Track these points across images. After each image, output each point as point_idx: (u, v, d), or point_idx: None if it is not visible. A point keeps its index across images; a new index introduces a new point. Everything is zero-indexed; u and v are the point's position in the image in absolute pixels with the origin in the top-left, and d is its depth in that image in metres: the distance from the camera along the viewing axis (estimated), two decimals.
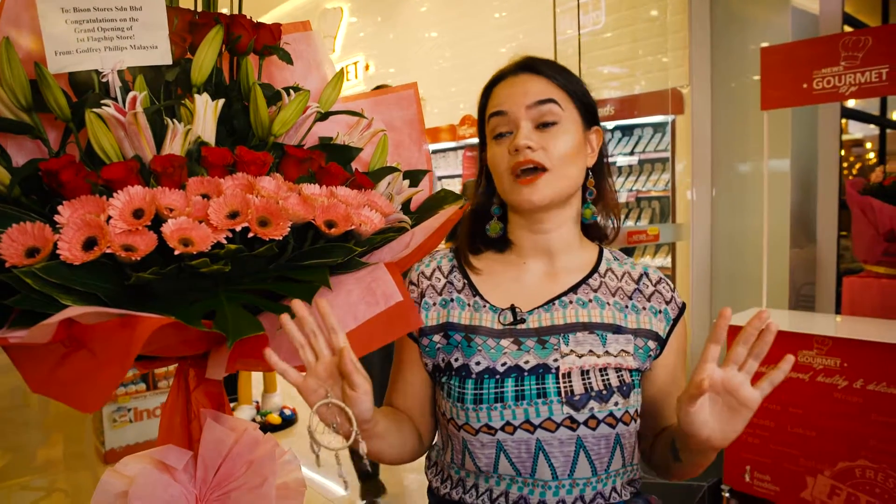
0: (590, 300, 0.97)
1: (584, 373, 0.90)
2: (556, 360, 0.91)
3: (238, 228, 0.74)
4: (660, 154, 4.14)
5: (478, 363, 0.92)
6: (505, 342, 0.94)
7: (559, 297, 0.97)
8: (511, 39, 5.29)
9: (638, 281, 1.00)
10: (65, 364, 0.68)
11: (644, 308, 0.98)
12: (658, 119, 4.09)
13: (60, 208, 0.70)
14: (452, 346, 0.96)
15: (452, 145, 5.76)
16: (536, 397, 0.89)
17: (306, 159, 0.86)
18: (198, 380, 0.90)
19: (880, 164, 3.60)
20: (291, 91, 0.88)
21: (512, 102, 0.95)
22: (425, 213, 1.04)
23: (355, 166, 0.99)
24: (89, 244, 0.68)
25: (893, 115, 4.51)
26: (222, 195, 0.76)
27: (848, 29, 3.41)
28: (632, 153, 4.30)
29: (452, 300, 0.99)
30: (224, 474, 0.87)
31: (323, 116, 0.95)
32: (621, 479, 0.95)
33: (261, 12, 7.63)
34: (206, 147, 0.79)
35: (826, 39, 2.92)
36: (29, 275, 0.64)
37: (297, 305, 0.76)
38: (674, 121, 3.95)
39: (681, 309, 1.01)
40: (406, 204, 1.04)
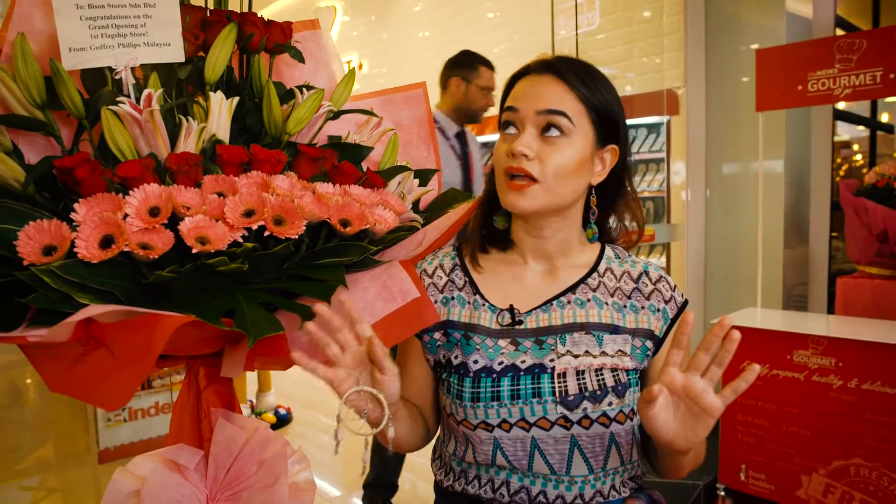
0: (588, 300, 0.98)
1: (580, 373, 0.92)
2: (553, 361, 0.93)
3: (254, 227, 0.73)
4: (655, 154, 4.15)
5: (475, 362, 0.94)
6: (503, 342, 0.95)
7: (557, 298, 0.98)
8: (504, 40, 5.29)
9: (637, 280, 1.01)
10: (83, 363, 0.67)
11: (643, 307, 0.99)
12: (653, 120, 4.10)
13: (76, 206, 0.69)
14: (452, 344, 0.98)
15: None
16: (532, 396, 0.91)
17: (320, 158, 0.86)
18: (208, 379, 0.90)
19: (868, 166, 3.63)
20: (304, 90, 0.88)
21: (524, 102, 0.94)
22: (435, 213, 1.04)
23: (365, 165, 0.99)
24: (106, 242, 0.68)
25: (884, 118, 4.55)
26: (238, 193, 0.76)
27: (840, 32, 3.44)
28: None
29: (453, 298, 1.01)
30: (235, 473, 0.87)
31: (335, 115, 0.95)
32: (621, 477, 0.97)
33: (255, 10, 7.60)
34: (222, 145, 0.79)
35: (821, 42, 2.94)
36: (47, 273, 0.64)
37: (320, 308, 0.77)
38: (669, 121, 3.97)
39: (681, 307, 1.01)
40: (415, 203, 1.04)
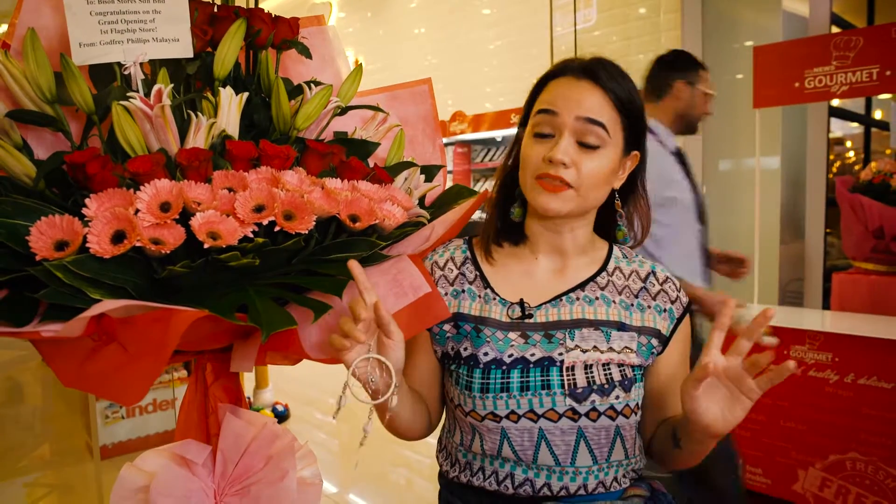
0: (596, 298, 0.99)
1: (588, 367, 0.93)
2: (561, 354, 0.94)
3: (265, 222, 0.74)
4: None
5: (486, 353, 0.95)
6: (513, 335, 0.96)
7: (567, 294, 0.99)
8: (500, 36, 5.30)
9: (645, 280, 1.03)
10: (95, 358, 0.67)
11: (649, 306, 1.01)
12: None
13: (88, 201, 0.69)
14: (462, 336, 0.98)
15: (444, 141, 5.75)
16: (541, 388, 0.92)
17: (328, 153, 0.86)
18: (215, 374, 0.91)
19: (861, 163, 3.65)
20: (312, 85, 0.88)
21: (564, 107, 0.92)
22: (440, 209, 1.04)
23: (372, 161, 0.99)
24: (118, 237, 0.68)
25: (878, 114, 4.58)
26: (248, 189, 0.76)
27: (836, 29, 3.46)
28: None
29: (463, 291, 1.01)
30: (243, 468, 0.88)
31: (342, 111, 0.95)
32: (623, 470, 0.98)
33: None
34: (231, 140, 0.79)
35: (818, 39, 2.96)
36: (59, 268, 0.64)
37: (352, 264, 0.79)
38: None
39: (685, 309, 1.03)
40: (421, 199, 1.04)
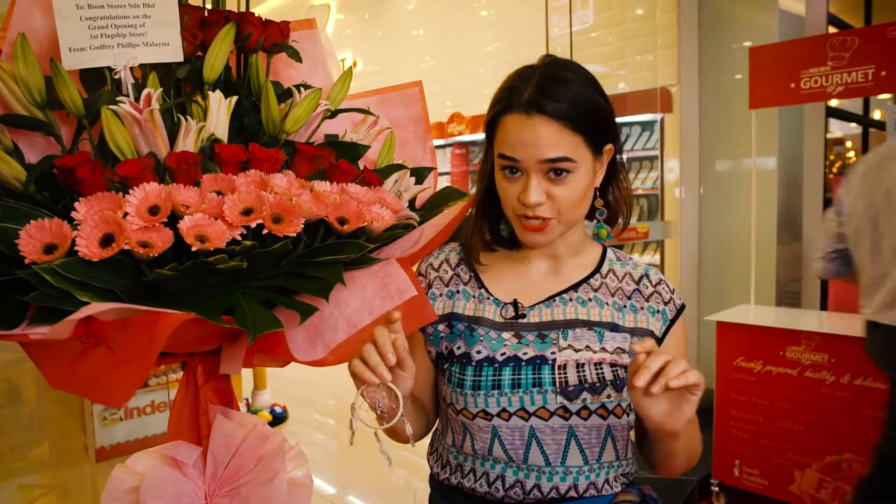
0: (589, 299, 1.00)
1: (580, 366, 0.94)
2: (554, 353, 0.95)
3: (253, 225, 0.74)
4: (648, 152, 4.17)
5: (479, 352, 0.96)
6: (506, 335, 0.97)
7: (560, 294, 1.00)
8: (498, 38, 5.30)
9: (638, 282, 1.03)
10: (83, 360, 0.68)
11: (642, 308, 1.01)
12: (647, 117, 4.11)
13: (77, 205, 0.70)
14: (455, 335, 0.99)
15: (441, 143, 5.75)
16: (532, 386, 0.93)
17: (317, 156, 0.86)
18: (206, 376, 0.91)
19: None
20: (302, 89, 0.89)
21: (523, 153, 0.90)
22: (431, 211, 1.05)
23: (362, 164, 0.99)
24: (107, 241, 0.68)
25: (876, 115, 4.58)
26: (236, 192, 0.76)
27: (833, 30, 3.46)
28: (621, 151, 4.33)
29: (458, 292, 1.03)
30: (233, 470, 0.88)
31: (332, 114, 0.96)
32: (615, 472, 0.98)
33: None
34: (220, 144, 0.80)
35: (813, 40, 2.97)
36: (48, 271, 0.65)
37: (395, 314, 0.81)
38: (662, 119, 3.99)
39: (679, 309, 1.04)
40: (411, 201, 1.05)
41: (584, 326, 0.97)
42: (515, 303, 0.99)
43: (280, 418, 4.16)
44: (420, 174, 1.06)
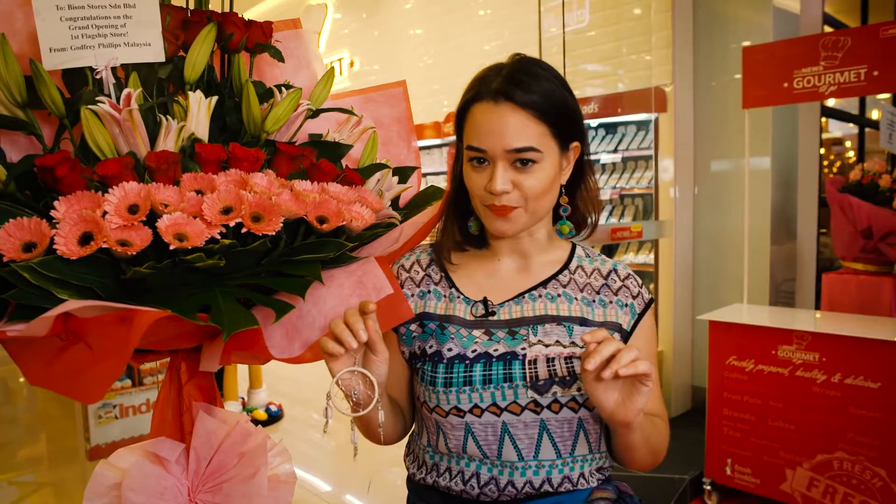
0: (558, 294, 1.02)
1: (550, 360, 0.95)
2: (524, 349, 0.96)
3: (232, 224, 0.75)
4: (643, 152, 4.18)
5: (450, 349, 0.97)
6: (477, 332, 0.99)
7: (529, 291, 1.02)
8: (496, 37, 5.31)
9: (606, 277, 1.05)
10: (62, 357, 0.69)
11: (611, 302, 1.03)
12: (641, 117, 4.12)
13: (56, 204, 0.71)
14: (427, 335, 1.01)
15: (437, 142, 5.77)
16: (503, 381, 0.94)
17: (298, 156, 0.87)
18: (190, 373, 0.92)
19: (859, 163, 3.67)
20: (283, 89, 0.90)
21: (491, 143, 0.92)
22: (414, 210, 1.06)
23: (345, 163, 1.00)
24: (85, 239, 0.69)
25: (872, 115, 4.59)
26: (216, 191, 0.77)
27: (828, 29, 3.47)
28: (615, 151, 4.34)
29: (429, 292, 1.04)
30: (216, 466, 0.89)
31: (314, 114, 0.96)
32: (589, 466, 0.99)
33: (245, 8, 7.57)
34: (200, 143, 0.81)
35: (806, 40, 2.97)
36: (26, 269, 0.65)
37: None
38: (657, 119, 3.99)
39: (647, 304, 1.06)
40: (395, 200, 1.06)
41: (554, 322, 0.99)
42: (485, 301, 1.01)
43: (275, 417, 4.17)
44: (404, 173, 1.07)
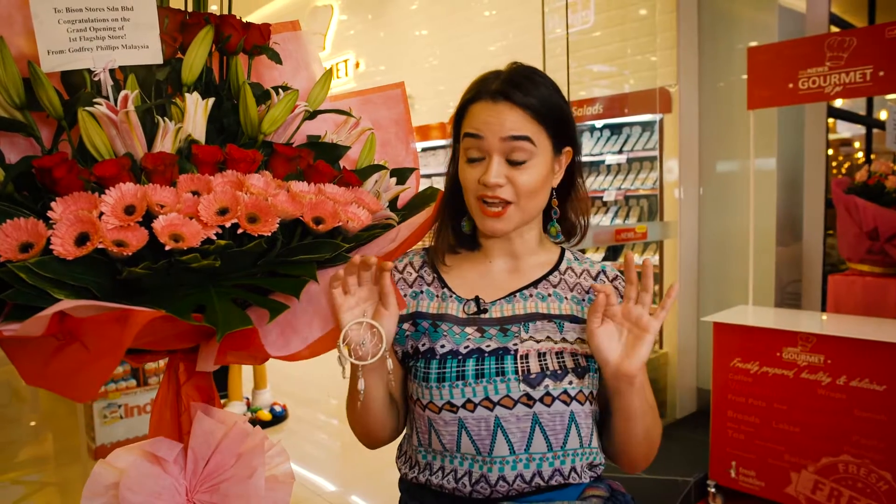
0: (549, 294, 1.04)
1: (541, 355, 0.98)
2: (516, 345, 0.98)
3: (228, 224, 0.75)
4: (648, 153, 4.17)
5: (442, 346, 0.99)
6: (469, 329, 1.01)
7: (520, 291, 1.04)
8: (501, 38, 5.31)
9: (596, 277, 1.08)
10: (58, 357, 0.69)
11: None
12: (646, 118, 4.11)
13: (53, 204, 0.71)
14: (420, 333, 1.02)
15: (443, 143, 5.77)
16: (495, 375, 0.96)
17: (295, 157, 0.88)
18: (188, 373, 0.92)
19: (866, 164, 3.64)
20: (280, 90, 0.90)
21: (488, 130, 0.96)
22: (413, 211, 1.06)
23: (343, 164, 1.01)
24: (82, 240, 0.70)
25: (880, 115, 4.56)
26: (212, 192, 0.78)
27: (834, 29, 3.45)
28: (620, 151, 4.33)
29: (422, 292, 1.06)
30: (214, 466, 0.89)
31: (311, 115, 0.97)
32: (580, 461, 1.00)
33: (250, 10, 7.61)
34: (197, 145, 0.81)
35: (811, 40, 2.96)
36: (23, 269, 0.66)
37: (355, 258, 0.88)
38: (662, 119, 3.98)
39: None
40: (393, 201, 1.06)
41: (545, 319, 1.01)
42: (477, 299, 1.03)
43: (280, 417, 4.18)
44: (402, 175, 1.08)
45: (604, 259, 4.36)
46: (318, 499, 3.14)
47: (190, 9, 0.92)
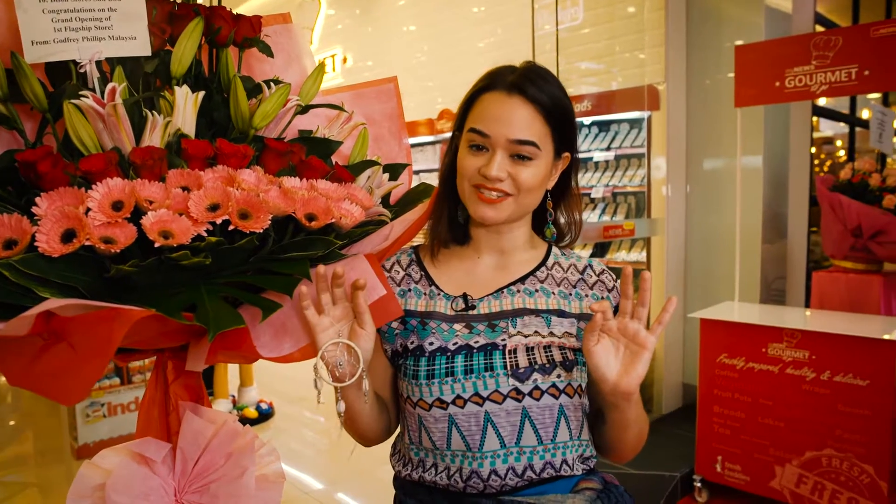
0: (536, 290, 1.05)
1: (529, 349, 0.98)
2: (504, 340, 0.99)
3: (218, 221, 0.74)
4: (636, 150, 4.18)
5: (431, 343, 0.99)
6: (457, 326, 1.01)
7: (508, 287, 1.05)
8: (489, 34, 5.30)
9: (582, 272, 1.09)
10: (43, 357, 0.67)
11: (587, 295, 1.06)
12: (634, 115, 4.12)
13: (38, 200, 0.69)
14: (409, 331, 1.02)
15: (430, 139, 5.75)
16: (484, 371, 0.96)
17: (287, 152, 0.86)
18: (176, 372, 0.90)
19: (850, 162, 3.67)
20: (272, 84, 0.88)
21: (496, 130, 0.96)
22: (405, 207, 1.05)
23: (335, 160, 0.99)
24: (68, 236, 0.68)
25: (863, 114, 4.60)
26: (203, 188, 0.76)
27: (820, 29, 3.48)
28: (608, 149, 4.34)
29: (410, 290, 1.06)
30: (203, 466, 0.87)
31: (303, 109, 0.95)
32: (572, 453, 1.00)
33: (238, 2, 7.53)
34: (187, 139, 0.79)
35: (798, 39, 2.98)
36: (6, 267, 0.64)
37: (320, 269, 0.85)
38: (650, 117, 3.99)
39: None
40: (385, 197, 1.05)
41: (532, 314, 1.01)
42: (465, 295, 1.03)
43: (266, 415, 4.15)
44: (395, 170, 1.06)
45: (591, 255, 4.36)
46: (306, 497, 3.12)
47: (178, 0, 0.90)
